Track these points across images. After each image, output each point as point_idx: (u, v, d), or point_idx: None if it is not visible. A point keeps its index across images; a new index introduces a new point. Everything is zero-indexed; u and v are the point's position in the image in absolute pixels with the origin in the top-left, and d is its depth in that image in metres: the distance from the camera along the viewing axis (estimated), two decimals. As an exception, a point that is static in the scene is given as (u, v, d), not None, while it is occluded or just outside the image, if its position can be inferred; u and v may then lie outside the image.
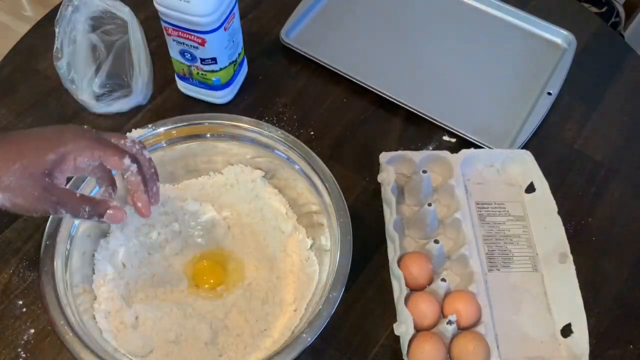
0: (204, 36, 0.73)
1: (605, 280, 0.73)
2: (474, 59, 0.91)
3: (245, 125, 0.70)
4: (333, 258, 0.62)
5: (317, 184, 0.66)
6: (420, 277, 0.68)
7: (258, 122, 0.70)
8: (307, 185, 0.68)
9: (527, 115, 0.84)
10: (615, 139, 0.86)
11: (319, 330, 0.57)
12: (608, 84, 0.91)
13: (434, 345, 0.63)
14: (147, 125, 0.68)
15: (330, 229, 0.64)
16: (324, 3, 0.95)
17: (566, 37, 0.92)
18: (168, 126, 0.69)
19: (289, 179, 0.70)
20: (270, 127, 0.69)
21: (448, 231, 0.74)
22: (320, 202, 0.66)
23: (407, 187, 0.76)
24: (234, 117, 0.70)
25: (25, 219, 0.72)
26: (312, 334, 0.56)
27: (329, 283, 0.60)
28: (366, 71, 0.86)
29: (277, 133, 0.69)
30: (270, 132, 0.69)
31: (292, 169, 0.69)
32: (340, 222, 0.63)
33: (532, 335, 0.68)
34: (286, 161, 0.69)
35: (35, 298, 0.67)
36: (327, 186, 0.65)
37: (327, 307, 0.58)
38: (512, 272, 0.72)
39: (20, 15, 1.89)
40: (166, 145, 0.70)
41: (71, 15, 0.84)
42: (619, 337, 0.70)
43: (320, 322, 0.57)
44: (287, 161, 0.69)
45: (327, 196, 0.65)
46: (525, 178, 0.78)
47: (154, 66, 0.85)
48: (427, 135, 0.83)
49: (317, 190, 0.66)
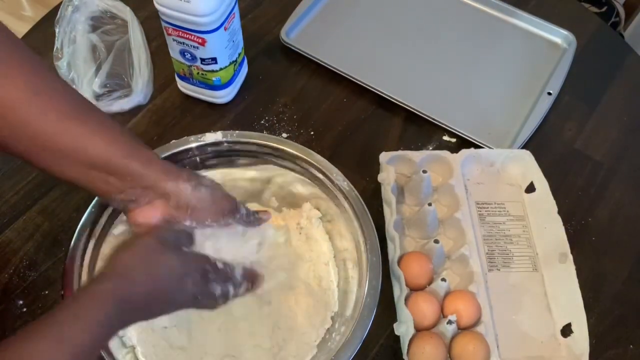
0: (204, 36, 0.73)
1: (605, 280, 0.73)
2: (474, 59, 0.91)
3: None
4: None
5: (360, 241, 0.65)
6: (420, 277, 0.68)
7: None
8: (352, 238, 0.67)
9: (527, 115, 0.84)
10: (615, 139, 0.86)
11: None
12: (608, 84, 0.91)
13: (434, 345, 0.63)
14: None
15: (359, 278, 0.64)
16: (324, 3, 0.95)
17: (566, 37, 0.92)
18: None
19: (341, 227, 0.69)
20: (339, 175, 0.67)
21: (448, 231, 0.74)
22: (357, 258, 0.66)
23: (407, 187, 0.76)
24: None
25: (25, 218, 0.72)
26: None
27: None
28: (366, 71, 0.86)
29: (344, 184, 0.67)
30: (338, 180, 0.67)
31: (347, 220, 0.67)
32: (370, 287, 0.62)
33: (532, 335, 0.68)
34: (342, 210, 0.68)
35: (36, 298, 0.67)
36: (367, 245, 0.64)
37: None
38: (512, 272, 0.72)
39: (20, 15, 1.89)
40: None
41: (71, 15, 0.85)
42: (619, 337, 0.70)
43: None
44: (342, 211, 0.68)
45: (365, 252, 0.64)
46: (525, 178, 0.78)
47: (154, 66, 0.85)
48: (427, 135, 0.83)
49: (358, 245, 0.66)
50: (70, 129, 0.52)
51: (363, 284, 0.62)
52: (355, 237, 0.65)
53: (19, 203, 0.74)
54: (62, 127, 0.51)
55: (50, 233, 0.72)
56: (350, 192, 0.66)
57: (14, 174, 0.76)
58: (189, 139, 0.68)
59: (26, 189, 0.75)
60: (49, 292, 0.68)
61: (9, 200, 0.74)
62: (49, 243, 0.71)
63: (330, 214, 0.70)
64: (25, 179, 0.75)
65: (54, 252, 0.70)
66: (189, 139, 0.68)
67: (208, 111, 0.83)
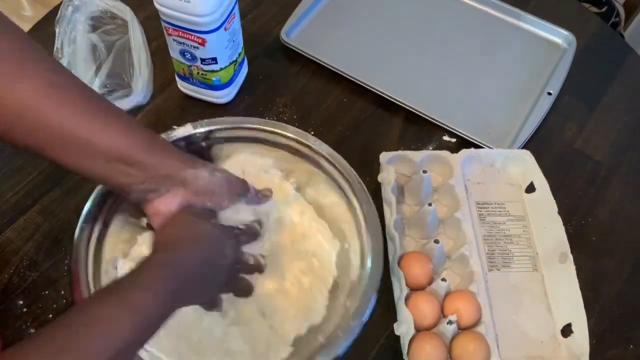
0: (204, 36, 0.73)
1: (605, 280, 0.73)
2: (474, 59, 0.91)
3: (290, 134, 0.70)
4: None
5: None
6: (421, 276, 0.68)
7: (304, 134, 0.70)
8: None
9: (527, 115, 0.84)
10: (615, 139, 0.86)
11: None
12: (608, 84, 0.91)
13: (435, 345, 0.63)
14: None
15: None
16: (324, 3, 0.95)
17: (566, 37, 0.92)
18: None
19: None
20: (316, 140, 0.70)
21: (448, 231, 0.74)
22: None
23: (407, 187, 0.76)
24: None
25: (25, 218, 0.72)
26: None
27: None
28: (366, 71, 0.86)
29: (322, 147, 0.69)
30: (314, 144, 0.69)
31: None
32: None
33: (532, 335, 0.68)
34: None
35: (36, 298, 0.67)
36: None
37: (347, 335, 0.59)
38: (512, 272, 0.72)
39: (20, 15, 1.89)
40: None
41: (71, 15, 0.85)
42: (619, 337, 0.70)
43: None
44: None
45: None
46: (525, 178, 0.78)
47: (154, 66, 0.85)
48: (427, 135, 0.83)
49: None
50: (88, 122, 0.53)
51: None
52: (344, 196, 0.68)
53: (19, 203, 0.73)
54: (79, 120, 0.52)
55: (50, 233, 0.72)
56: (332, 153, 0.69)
57: (14, 174, 0.76)
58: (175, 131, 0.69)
59: (26, 189, 0.75)
60: (49, 292, 0.68)
61: (9, 200, 0.74)
62: (49, 243, 0.71)
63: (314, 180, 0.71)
64: (25, 179, 0.75)
65: (54, 252, 0.70)
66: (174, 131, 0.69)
67: (208, 111, 0.83)
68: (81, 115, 0.53)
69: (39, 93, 0.50)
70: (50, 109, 0.51)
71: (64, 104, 0.52)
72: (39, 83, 0.51)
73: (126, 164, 0.55)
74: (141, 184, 0.56)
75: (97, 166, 0.55)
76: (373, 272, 0.62)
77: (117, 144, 0.54)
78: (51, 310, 0.67)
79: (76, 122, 0.52)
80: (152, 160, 0.56)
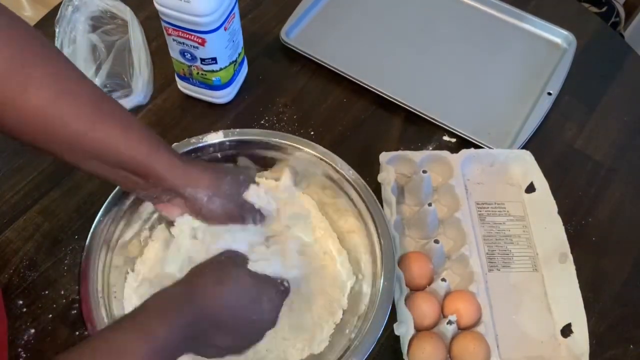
0: (204, 36, 0.73)
1: (605, 280, 0.73)
2: (474, 59, 0.91)
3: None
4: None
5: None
6: (421, 277, 0.68)
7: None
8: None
9: (527, 115, 0.84)
10: (615, 139, 0.86)
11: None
12: (608, 84, 0.91)
13: (434, 345, 0.63)
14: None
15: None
16: (324, 3, 0.95)
17: (566, 37, 0.92)
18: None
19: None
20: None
21: (448, 231, 0.74)
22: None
23: (407, 187, 0.76)
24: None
25: (25, 218, 0.72)
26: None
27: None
28: (366, 71, 0.86)
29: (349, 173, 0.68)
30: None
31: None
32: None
33: (532, 335, 0.68)
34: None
35: (36, 298, 0.67)
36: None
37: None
38: (512, 272, 0.72)
39: (20, 15, 1.88)
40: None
41: (71, 15, 0.85)
42: (619, 337, 0.70)
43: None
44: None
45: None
46: (525, 178, 0.78)
47: (154, 66, 0.85)
48: (427, 135, 0.83)
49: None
50: (99, 128, 0.54)
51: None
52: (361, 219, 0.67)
53: (19, 203, 0.73)
54: (90, 126, 0.53)
55: (50, 233, 0.72)
56: (357, 180, 0.68)
57: (14, 174, 0.76)
58: (191, 140, 0.69)
59: (26, 189, 0.75)
60: (49, 292, 0.68)
61: (9, 200, 0.74)
62: (49, 243, 0.71)
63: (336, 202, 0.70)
64: (25, 179, 0.75)
65: (54, 252, 0.70)
66: (190, 141, 0.69)
67: (208, 111, 0.83)
68: (90, 121, 0.53)
69: (49, 101, 0.51)
70: (62, 116, 0.52)
71: (76, 110, 0.52)
72: (50, 90, 0.51)
73: (132, 172, 0.57)
74: (144, 191, 0.59)
75: (105, 171, 0.57)
76: (377, 316, 0.60)
77: (124, 153, 0.55)
78: (51, 310, 0.67)
79: (87, 129, 0.53)
80: (156, 173, 0.57)
